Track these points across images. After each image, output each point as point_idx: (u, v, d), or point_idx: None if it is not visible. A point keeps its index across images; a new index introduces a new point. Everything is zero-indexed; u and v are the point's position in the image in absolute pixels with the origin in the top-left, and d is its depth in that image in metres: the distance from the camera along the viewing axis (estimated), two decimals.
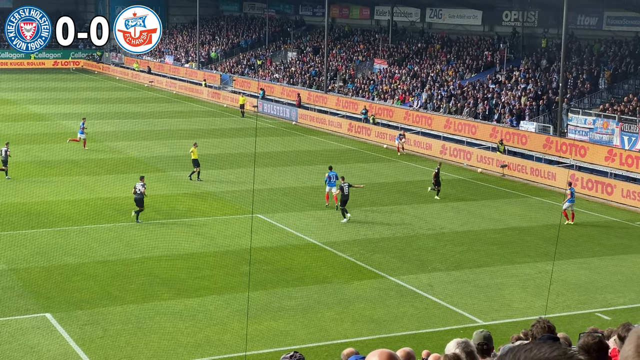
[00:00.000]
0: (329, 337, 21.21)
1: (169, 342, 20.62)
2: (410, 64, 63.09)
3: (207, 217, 33.13)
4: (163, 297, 23.91)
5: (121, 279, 25.30)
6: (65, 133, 51.91)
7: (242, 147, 47.16)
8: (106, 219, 32.13)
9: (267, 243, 29.46)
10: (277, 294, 24.35)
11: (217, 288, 24.81)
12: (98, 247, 28.58)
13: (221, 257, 27.86)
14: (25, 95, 71.02)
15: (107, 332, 21.10)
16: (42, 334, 20.89)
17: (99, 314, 22.37)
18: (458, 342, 6.70)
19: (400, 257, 28.43)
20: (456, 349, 6.54)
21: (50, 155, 44.60)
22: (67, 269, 26.04)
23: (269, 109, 65.23)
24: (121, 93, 75.91)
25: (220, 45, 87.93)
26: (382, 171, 43.79)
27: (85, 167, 41.66)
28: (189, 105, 69.34)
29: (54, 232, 30.11)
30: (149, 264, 26.86)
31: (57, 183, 37.63)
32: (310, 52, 75.13)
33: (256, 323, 21.78)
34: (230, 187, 38.02)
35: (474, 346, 6.88)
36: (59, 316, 22.02)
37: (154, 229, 31.02)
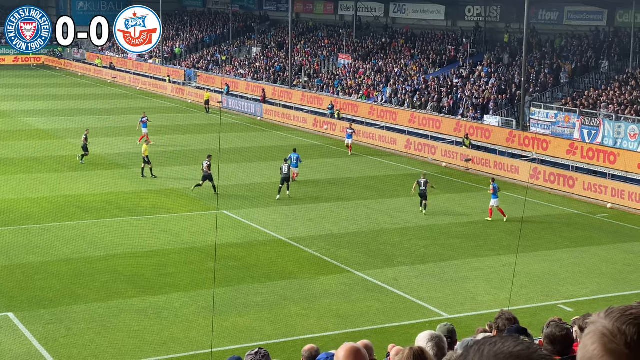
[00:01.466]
0: (295, 333, 21.19)
1: (134, 340, 20.48)
2: (374, 59, 63.22)
3: (172, 214, 32.95)
4: (128, 294, 23.73)
5: (85, 277, 25.08)
6: (27, 130, 51.34)
7: (207, 143, 46.93)
8: (69, 217, 31.83)
9: (233, 239, 29.37)
10: (243, 290, 24.28)
11: (182, 285, 24.68)
12: (61, 245, 28.29)
13: (186, 254, 27.72)
14: None
15: (70, 331, 20.91)
16: (4, 333, 20.63)
17: (62, 312, 22.15)
18: (432, 335, 6.68)
19: (365, 251, 28.48)
20: (428, 342, 6.53)
21: (11, 152, 44.06)
22: (29, 267, 25.75)
23: (233, 104, 65.02)
24: (83, 89, 75.22)
25: (184, 41, 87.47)
26: (347, 166, 43.83)
27: (47, 165, 41.23)
28: (153, 101, 68.90)
29: (15, 231, 29.76)
30: (113, 261, 26.65)
31: (18, 181, 37.19)
32: (275, 47, 75.00)
33: (222, 320, 21.70)
34: (195, 184, 37.84)
35: (446, 343, 6.87)
36: (22, 315, 21.77)
37: (118, 226, 30.77)
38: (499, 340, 2.15)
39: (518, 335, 4.47)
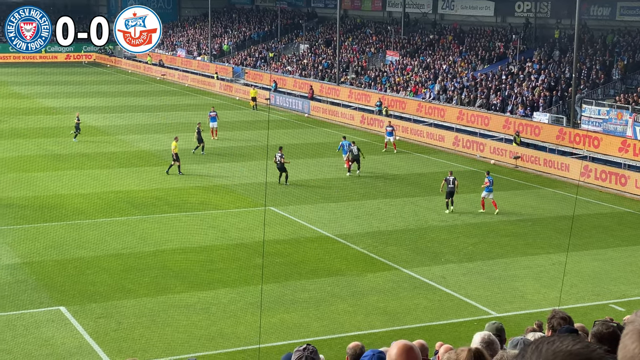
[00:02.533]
0: (342, 330, 21.20)
1: (183, 335, 20.66)
2: (422, 56, 62.93)
3: (220, 210, 33.15)
4: (176, 290, 23.95)
5: (134, 272, 25.36)
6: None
7: (254, 139, 47.18)
8: (119, 212, 32.20)
9: (280, 236, 29.46)
10: (291, 287, 24.35)
11: (230, 281, 24.83)
12: (111, 240, 28.64)
13: (234, 250, 27.88)
14: (38, 89, 71.21)
15: (121, 325, 21.16)
16: (57, 327, 20.95)
17: (112, 307, 22.43)
18: (487, 336, 6.63)
19: (413, 249, 28.38)
20: (482, 343, 6.48)
21: (63, 148, 44.72)
22: (80, 262, 26.11)
23: (281, 101, 65.20)
24: (133, 86, 76.02)
25: (232, 38, 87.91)
26: (394, 163, 43.70)
27: (98, 161, 41.74)
28: (201, 98, 69.37)
29: (67, 226, 30.20)
30: (162, 257, 26.91)
31: (70, 177, 37.70)
32: (322, 44, 75.01)
33: (269, 316, 21.79)
34: (242, 180, 38.03)
35: (498, 344, 6.82)
36: (73, 309, 22.09)
37: (167, 222, 31.07)
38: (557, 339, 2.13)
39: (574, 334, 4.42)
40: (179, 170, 38.83)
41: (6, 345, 19.72)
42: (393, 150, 46.53)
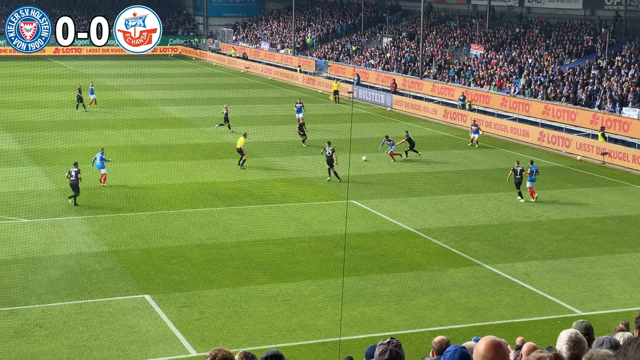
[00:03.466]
0: (423, 325, 21.08)
1: (264, 326, 20.84)
2: (507, 50, 62.02)
3: (302, 203, 33.30)
4: (258, 281, 24.16)
5: (217, 262, 25.68)
6: (164, 119, 52.95)
7: (337, 133, 47.21)
8: (203, 203, 32.63)
9: (362, 229, 29.44)
10: (371, 280, 24.32)
11: (311, 273, 24.94)
12: (195, 230, 29.06)
13: (316, 243, 27.98)
14: (125, 81, 72.68)
15: (203, 315, 21.45)
16: (142, 315, 21.36)
17: (196, 296, 22.76)
18: (573, 334, 6.45)
19: (495, 244, 28.03)
20: (567, 342, 6.32)
21: (148, 140, 45.53)
22: (165, 251, 26.57)
23: (363, 95, 65.12)
24: (217, 79, 76.94)
25: (315, 31, 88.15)
26: (477, 158, 43.22)
27: (182, 152, 42.37)
28: (283, 91, 69.79)
29: (152, 216, 30.75)
30: (245, 248, 27.18)
31: (155, 167, 38.38)
32: (406, 37, 74.61)
33: (350, 309, 21.82)
34: (324, 173, 38.11)
35: (586, 343, 6.64)
36: (157, 298, 22.49)
37: (249, 214, 31.37)
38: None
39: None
40: (241, 164, 38.87)
41: (94, 332, 20.20)
42: (475, 145, 45.92)
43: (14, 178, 35.34)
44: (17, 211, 30.51)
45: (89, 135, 45.21)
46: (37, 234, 28.10)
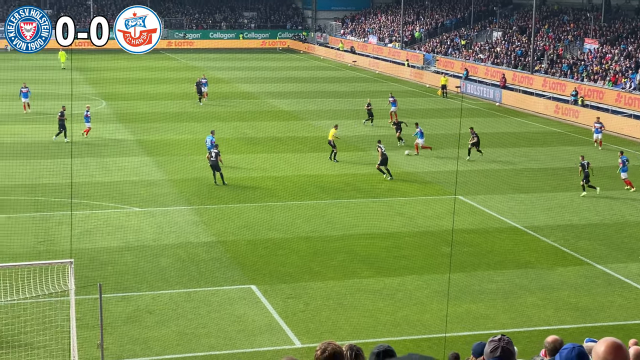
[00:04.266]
0: (530, 324, 20.70)
1: (369, 320, 20.83)
2: (623, 44, 60.19)
3: (408, 197, 33.13)
4: (363, 274, 24.16)
5: (323, 255, 25.80)
6: (271, 111, 53.52)
7: (444, 127, 46.79)
8: (309, 196, 32.83)
9: (468, 225, 29.09)
10: (478, 277, 24.02)
11: (416, 268, 24.80)
12: (301, 223, 29.26)
13: (421, 238, 27.80)
14: (236, 74, 73.77)
15: (308, 307, 21.59)
16: (248, 304, 21.65)
17: (301, 288, 22.93)
18: None
19: (607, 244, 27.27)
20: None
21: (257, 132, 46.08)
22: (271, 243, 26.85)
23: (472, 89, 64.31)
24: (325, 72, 77.27)
25: (424, 25, 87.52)
26: (591, 155, 42.07)
27: (289, 145, 42.71)
28: (391, 85, 69.55)
29: (259, 207, 31.12)
30: (350, 241, 27.22)
31: (263, 160, 38.83)
32: (517, 31, 73.28)
33: (456, 305, 21.59)
34: (431, 168, 37.82)
35: None
36: (264, 288, 22.75)
37: (354, 207, 31.39)
38: None
39: None
40: (334, 157, 38.77)
41: (202, 320, 20.59)
42: (598, 147, 43.98)
43: (127, 168, 36.36)
44: (130, 200, 31.37)
45: (200, 127, 46.06)
46: (149, 222, 28.82)
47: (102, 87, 61.05)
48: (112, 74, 66.84)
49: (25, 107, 48.96)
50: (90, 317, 19.87)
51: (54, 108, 49.22)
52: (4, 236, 26.59)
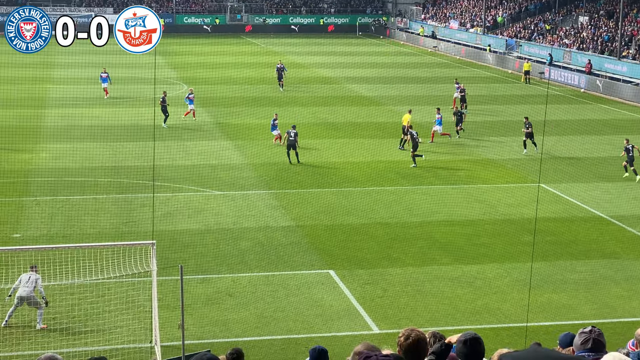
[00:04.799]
0: (614, 315, 20.25)
1: (447, 307, 20.66)
2: None
3: (488, 185, 32.70)
4: (442, 262, 23.97)
5: (401, 241, 25.68)
6: (350, 96, 53.42)
7: (526, 114, 46.00)
8: (388, 182, 32.69)
9: (551, 214, 28.58)
10: (560, 267, 23.59)
11: (496, 256, 24.49)
12: (379, 208, 29.16)
13: (501, 226, 27.43)
14: (315, 59, 73.85)
15: (386, 293, 21.52)
16: (326, 289, 21.69)
17: (379, 274, 22.86)
18: None
19: None
20: None
21: (336, 117, 46.06)
22: (350, 228, 26.83)
23: (556, 75, 63.07)
24: (405, 58, 76.78)
25: (507, 10, 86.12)
26: None
27: (368, 130, 42.55)
28: (472, 70, 68.74)
29: (338, 192, 31.12)
30: (429, 228, 27.03)
31: (341, 145, 38.78)
32: (604, 16, 71.52)
33: (537, 294, 21.26)
34: (512, 155, 37.26)
35: None
36: (341, 273, 22.76)
37: (434, 194, 31.14)
38: None
39: None
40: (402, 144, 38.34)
41: (280, 303, 20.71)
42: None
43: (207, 151, 36.78)
44: (210, 183, 31.72)
45: (279, 111, 46.27)
46: (228, 206, 29.11)
47: (183, 71, 61.84)
48: (194, 58, 67.66)
49: (107, 92, 49.69)
50: (171, 298, 20.18)
51: (135, 92, 50.04)
52: (89, 217, 27.21)
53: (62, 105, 46.49)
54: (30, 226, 26.23)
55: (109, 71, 50.36)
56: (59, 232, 25.58)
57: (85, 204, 28.74)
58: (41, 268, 19.83)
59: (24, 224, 26.40)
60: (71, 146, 36.54)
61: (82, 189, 30.46)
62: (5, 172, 32.20)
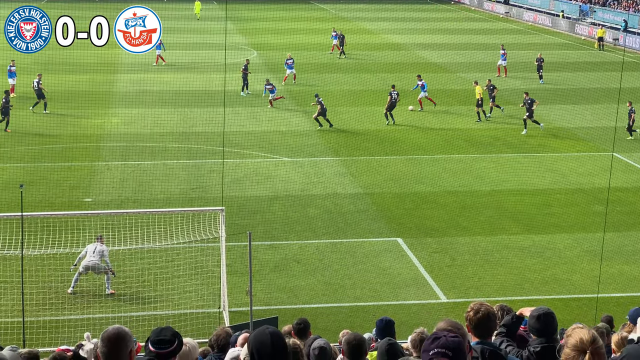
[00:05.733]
0: None
1: (516, 277, 20.47)
2: None
3: (559, 154, 32.18)
4: (511, 231, 23.73)
5: (470, 210, 25.47)
6: (419, 63, 52.88)
7: (598, 81, 45.02)
8: (457, 150, 32.38)
9: (623, 183, 28.01)
10: (632, 237, 23.17)
11: (566, 226, 24.14)
12: (448, 177, 28.94)
13: (572, 195, 26.99)
14: (384, 25, 73.20)
15: (454, 262, 21.41)
16: (394, 257, 21.66)
17: (447, 242, 22.74)
18: None
19: None
20: None
21: (405, 84, 45.59)
22: (418, 196, 26.69)
23: (631, 42, 61.46)
24: (475, 24, 75.59)
25: None
26: None
27: (437, 97, 42.05)
28: (544, 37, 67.42)
29: (406, 160, 30.96)
30: (498, 197, 26.74)
31: (410, 113, 38.41)
32: None
33: (608, 266, 20.90)
34: (584, 124, 36.54)
35: None
36: (409, 242, 22.70)
37: (504, 162, 30.76)
38: None
39: None
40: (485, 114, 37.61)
41: (347, 271, 20.76)
42: None
43: (277, 118, 36.88)
44: (279, 150, 31.82)
45: (347, 78, 46.12)
46: (297, 172, 29.19)
47: (253, 37, 61.92)
48: (263, 24, 67.69)
49: (157, 60, 49.68)
50: (239, 264, 20.38)
51: (205, 57, 50.33)
52: (159, 182, 27.57)
53: (133, 70, 47.04)
54: (102, 191, 26.70)
55: (170, 38, 50.54)
56: (129, 197, 26.01)
57: (155, 170, 29.13)
58: (111, 233, 20.19)
59: (95, 189, 26.88)
60: (141, 111, 37.02)
61: (152, 155, 30.87)
62: (77, 137, 32.81)
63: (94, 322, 17.54)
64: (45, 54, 21.65)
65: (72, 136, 32.97)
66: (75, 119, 35.79)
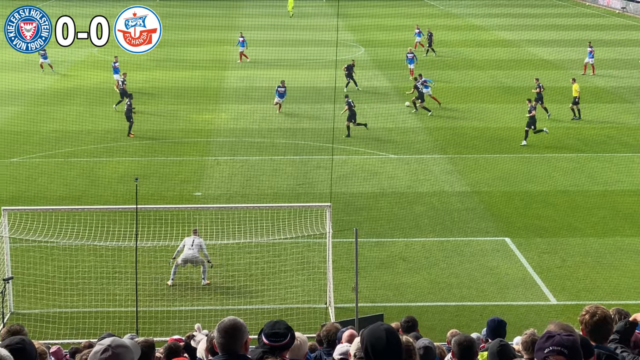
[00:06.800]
0: None
1: (630, 280, 19.85)
2: None
3: None
4: (625, 233, 23.02)
5: (582, 210, 24.81)
6: (531, 60, 51.85)
7: None
8: (569, 149, 31.58)
9: None
10: None
11: None
12: (559, 176, 28.27)
13: None
14: (494, 21, 72.05)
15: (565, 263, 20.89)
16: (502, 257, 21.28)
17: (557, 243, 22.21)
18: None
19: None
20: None
21: (514, 81, 44.80)
22: (527, 195, 26.16)
23: None
24: (589, 20, 73.58)
25: None
26: None
27: (549, 95, 41.03)
28: None
29: (516, 159, 30.38)
30: (612, 197, 25.98)
31: (520, 110, 37.62)
32: None
33: None
34: None
35: None
36: (518, 241, 22.26)
37: (618, 162, 29.85)
38: None
39: None
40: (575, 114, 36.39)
41: (454, 269, 20.50)
42: None
43: (383, 114, 36.70)
44: (386, 147, 31.69)
45: (455, 75, 45.60)
46: (403, 169, 29.01)
47: (361, 34, 61.87)
48: (371, 20, 67.58)
49: (241, 57, 49.75)
50: (345, 260, 20.38)
51: (314, 54, 50.59)
52: (267, 177, 27.86)
53: (242, 67, 47.65)
54: (211, 185, 27.14)
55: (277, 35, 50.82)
56: (237, 192, 26.35)
57: (262, 165, 29.43)
58: (219, 227, 20.46)
59: (205, 183, 27.35)
60: (250, 107, 37.47)
61: (259, 150, 31.20)
62: (188, 132, 33.45)
63: (203, 314, 17.83)
64: (156, 52, 22.13)
65: (183, 131, 33.65)
66: (186, 114, 36.49)
